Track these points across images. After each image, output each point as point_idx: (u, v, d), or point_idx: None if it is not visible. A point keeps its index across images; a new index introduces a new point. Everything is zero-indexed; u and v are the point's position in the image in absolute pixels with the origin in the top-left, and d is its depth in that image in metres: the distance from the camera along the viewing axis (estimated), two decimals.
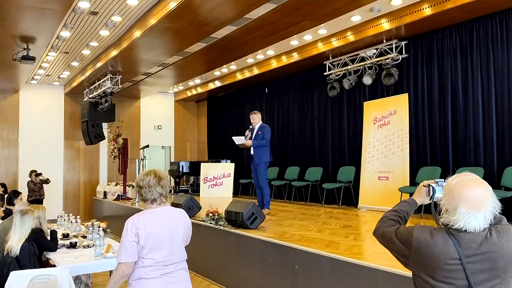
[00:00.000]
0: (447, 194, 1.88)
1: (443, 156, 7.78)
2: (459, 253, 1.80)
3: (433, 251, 1.84)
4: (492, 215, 1.83)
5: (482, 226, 1.81)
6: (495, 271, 1.80)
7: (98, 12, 7.63)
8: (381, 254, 4.47)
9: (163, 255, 2.74)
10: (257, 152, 8.03)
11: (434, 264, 1.84)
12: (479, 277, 1.80)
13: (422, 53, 8.25)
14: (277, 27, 7.64)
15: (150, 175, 2.84)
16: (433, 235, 1.87)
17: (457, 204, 1.82)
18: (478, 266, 1.80)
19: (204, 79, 13.39)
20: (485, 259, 1.79)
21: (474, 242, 1.80)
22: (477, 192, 1.82)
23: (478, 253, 1.80)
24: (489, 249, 1.80)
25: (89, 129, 12.31)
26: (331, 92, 9.87)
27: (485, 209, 1.81)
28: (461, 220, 1.81)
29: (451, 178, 1.93)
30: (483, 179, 5.82)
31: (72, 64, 11.15)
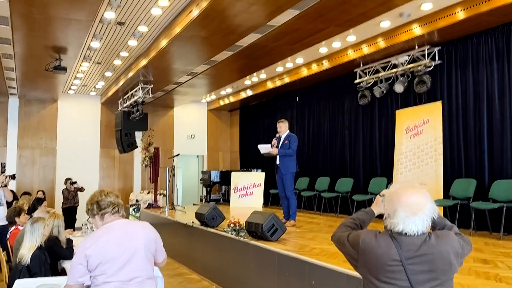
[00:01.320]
0: (388, 200, 2.03)
1: (479, 167, 7.33)
2: (400, 255, 1.90)
3: (376, 253, 1.95)
4: (430, 220, 1.96)
5: (420, 230, 1.92)
6: (434, 272, 1.90)
7: (125, 23, 7.73)
8: None
9: (120, 273, 2.59)
10: (284, 162, 7.85)
11: (378, 266, 1.95)
12: (419, 278, 1.89)
13: (456, 59, 7.85)
14: (302, 34, 7.49)
15: (95, 193, 2.85)
16: (377, 238, 1.99)
17: (397, 208, 1.95)
18: (418, 268, 1.89)
19: (235, 88, 13.37)
20: (424, 261, 1.90)
21: (413, 245, 1.91)
22: (415, 198, 1.96)
23: (417, 255, 1.90)
24: (427, 251, 1.90)
25: (122, 138, 12.52)
26: (362, 101, 9.58)
27: (422, 213, 1.93)
28: (400, 223, 1.93)
29: (392, 185, 2.10)
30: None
31: (106, 74, 11.40)
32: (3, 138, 13.25)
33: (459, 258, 1.97)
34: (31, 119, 13.67)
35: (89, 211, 2.79)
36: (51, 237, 4.85)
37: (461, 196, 7.18)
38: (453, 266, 1.94)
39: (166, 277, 7.45)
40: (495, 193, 6.72)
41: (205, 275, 7.40)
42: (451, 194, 7.35)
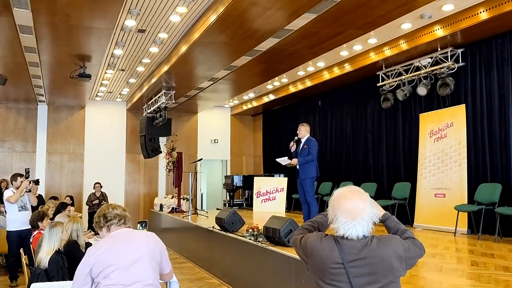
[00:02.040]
0: (330, 205, 2.05)
1: (505, 171, 7.10)
2: (342, 258, 1.95)
3: (321, 255, 2.01)
4: (372, 223, 2.00)
5: (361, 234, 1.97)
6: (374, 275, 1.93)
7: (146, 30, 7.85)
8: (417, 279, 4.10)
9: (123, 276, 2.62)
10: (303, 167, 7.75)
11: (322, 268, 2.01)
12: (360, 280, 1.93)
13: (480, 61, 7.65)
14: (320, 38, 7.43)
15: (102, 207, 2.98)
16: (322, 241, 2.04)
17: (337, 213, 2.00)
18: (359, 270, 1.93)
19: (257, 93, 13.40)
20: (365, 264, 1.93)
21: (355, 248, 1.96)
22: (353, 203, 1.99)
23: (358, 258, 1.94)
24: (368, 255, 1.94)
25: (146, 143, 12.70)
26: (385, 104, 9.43)
27: (362, 218, 1.97)
28: (341, 228, 1.98)
29: (336, 191, 2.11)
30: None
31: (130, 81, 11.60)
32: (32, 144, 13.64)
33: (403, 261, 1.99)
34: (60, 125, 14.02)
35: (97, 224, 2.90)
36: (70, 241, 4.94)
37: (486, 201, 6.97)
38: (394, 269, 1.96)
39: (186, 281, 7.54)
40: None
41: (225, 280, 7.40)
42: (476, 199, 7.14)
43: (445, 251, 5.75)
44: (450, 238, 7.00)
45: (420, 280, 4.08)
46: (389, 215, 2.29)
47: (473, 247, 6.20)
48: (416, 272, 4.40)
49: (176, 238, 10.83)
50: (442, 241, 6.61)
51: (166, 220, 11.98)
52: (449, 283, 3.96)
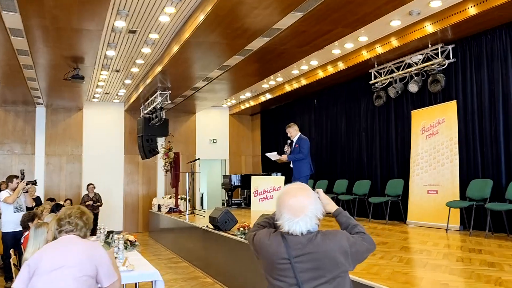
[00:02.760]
0: (276, 202, 2.07)
1: (495, 167, 7.09)
2: (288, 253, 1.98)
3: (268, 251, 2.05)
4: (316, 220, 2.01)
5: (305, 230, 1.99)
6: (319, 270, 1.95)
7: (136, 31, 7.90)
8: (400, 275, 4.11)
9: (43, 283, 2.67)
10: (296, 166, 7.79)
11: (271, 264, 2.04)
12: (306, 275, 1.96)
13: (470, 57, 7.64)
14: (309, 36, 7.44)
15: (64, 209, 3.09)
16: (270, 237, 2.07)
17: (281, 210, 2.02)
18: (304, 266, 1.96)
19: (254, 92, 13.44)
20: (310, 259, 1.96)
21: (300, 244, 1.98)
22: (297, 200, 2.01)
23: (303, 253, 1.96)
24: (312, 250, 1.96)
25: (143, 144, 12.76)
26: (377, 101, 9.44)
27: (305, 215, 1.99)
28: (286, 224, 2.00)
29: (282, 188, 2.16)
30: None
31: (126, 82, 11.66)
32: (31, 146, 13.72)
33: (348, 256, 2.00)
34: (58, 127, 14.09)
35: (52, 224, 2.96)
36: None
37: (477, 197, 6.96)
38: (339, 264, 1.97)
39: (179, 281, 7.58)
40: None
41: (219, 279, 7.43)
42: (467, 195, 7.13)
43: (433, 248, 5.76)
44: (442, 234, 7.00)
45: (402, 276, 4.09)
46: (340, 210, 2.30)
47: (463, 243, 6.20)
48: (400, 268, 4.41)
49: (173, 238, 10.88)
50: (433, 238, 6.62)
51: (163, 220, 12.03)
52: (430, 279, 3.97)
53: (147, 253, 10.67)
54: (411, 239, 6.54)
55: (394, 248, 5.72)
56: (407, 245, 5.91)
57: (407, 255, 5.13)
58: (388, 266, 4.56)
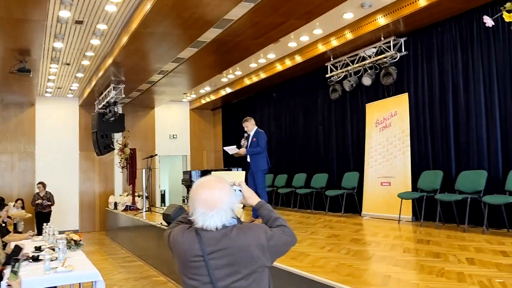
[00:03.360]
0: (189, 196, 1.95)
1: (446, 159, 7.18)
2: (202, 250, 1.86)
3: (182, 249, 1.92)
4: (231, 213, 1.90)
5: (220, 224, 1.87)
6: (234, 266, 1.85)
7: (83, 21, 7.58)
8: (344, 268, 4.05)
9: None
10: (254, 160, 7.69)
11: (184, 262, 1.91)
12: (221, 272, 1.85)
13: (421, 49, 7.71)
14: (263, 28, 7.33)
15: None
16: (184, 234, 1.94)
17: (195, 204, 1.89)
18: (219, 262, 1.85)
19: (214, 86, 13.25)
20: (224, 255, 1.85)
21: (214, 239, 1.86)
22: (210, 193, 1.88)
23: (218, 249, 1.85)
24: (227, 245, 1.85)
25: (98, 140, 12.36)
26: (333, 95, 9.43)
27: (220, 208, 1.87)
28: (199, 219, 1.88)
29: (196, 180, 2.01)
30: (486, 183, 5.29)
31: (78, 75, 11.24)
32: None
33: (265, 250, 1.90)
34: (9, 123, 13.49)
35: None
36: None
37: (428, 188, 7.04)
38: (255, 258, 1.87)
39: (131, 280, 7.35)
40: (461, 184, 6.57)
41: (172, 277, 7.24)
42: (419, 187, 7.20)
43: (383, 239, 5.76)
44: (394, 225, 7.05)
45: (346, 268, 4.03)
46: (262, 203, 2.20)
47: (413, 234, 6.25)
48: (345, 261, 4.36)
49: (128, 236, 10.59)
50: (384, 229, 6.64)
51: (120, 218, 11.70)
52: (373, 271, 3.93)
53: (101, 253, 10.36)
54: (363, 231, 6.54)
55: (345, 240, 5.69)
56: (358, 237, 5.89)
57: (355, 247, 5.09)
58: (335, 258, 4.50)
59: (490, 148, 6.50)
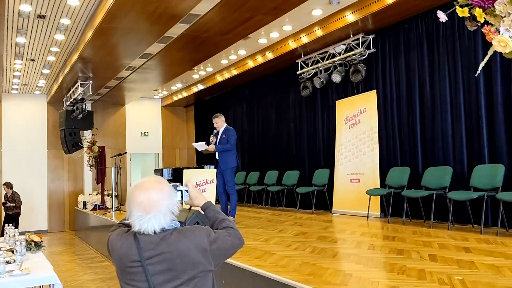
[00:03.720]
0: (126, 198, 1.86)
1: (413, 155, 7.23)
2: (140, 255, 1.77)
3: (119, 254, 1.83)
4: (171, 215, 1.81)
5: (158, 228, 1.78)
6: (173, 272, 1.76)
7: (46, 16, 7.34)
8: (307, 266, 4.00)
9: None
10: (223, 158, 7.62)
11: (121, 267, 1.83)
12: (159, 278, 1.76)
13: (389, 47, 7.74)
14: (231, 24, 7.23)
15: None
16: (121, 238, 1.85)
17: (131, 207, 1.80)
18: (157, 268, 1.77)
19: (185, 83, 13.07)
20: (163, 260, 1.76)
21: (152, 244, 1.78)
22: (148, 195, 1.78)
23: (156, 254, 1.77)
24: (166, 249, 1.76)
25: (66, 138, 12.04)
26: (304, 92, 9.41)
27: (158, 211, 1.77)
28: (136, 223, 1.78)
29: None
30: (452, 179, 5.29)
31: (44, 71, 10.93)
32: None
33: (208, 254, 1.81)
34: None
35: None
36: None
37: (396, 184, 7.07)
38: (197, 263, 1.79)
39: (97, 281, 7.18)
40: (427, 180, 6.62)
41: None
42: (387, 183, 7.23)
43: (350, 236, 5.75)
44: (362, 222, 7.06)
45: (309, 267, 3.98)
46: (209, 204, 2.14)
47: (380, 230, 6.26)
48: (308, 259, 4.31)
49: (97, 236, 10.36)
50: (352, 226, 6.64)
51: (89, 218, 11.44)
52: (335, 269, 3.88)
53: (69, 253, 10.12)
54: (331, 228, 6.53)
55: (312, 238, 5.65)
56: (325, 235, 5.87)
57: (321, 245, 5.05)
58: (299, 257, 4.45)
59: (456, 144, 6.56)
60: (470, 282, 3.33)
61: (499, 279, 3.38)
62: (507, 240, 5.07)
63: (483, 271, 3.65)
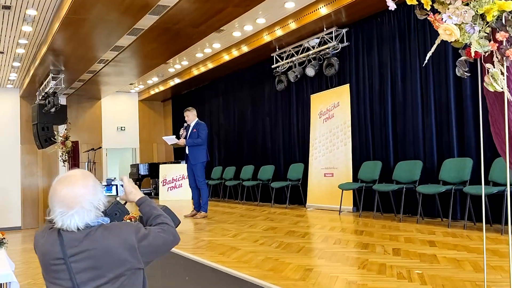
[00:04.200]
0: (49, 193, 1.78)
1: (384, 149, 7.22)
2: (63, 252, 1.71)
3: (42, 251, 1.77)
4: (95, 212, 1.75)
5: (82, 224, 1.72)
6: (98, 270, 1.70)
7: (11, 6, 7.12)
8: (270, 262, 3.94)
9: None
10: (193, 152, 7.50)
11: (45, 265, 1.77)
12: (83, 276, 1.70)
13: (362, 40, 7.70)
14: (202, 15, 7.13)
15: None
16: (45, 235, 1.79)
17: (53, 202, 1.74)
18: (81, 265, 1.70)
19: (161, 77, 12.89)
20: (87, 257, 1.70)
21: (77, 240, 1.72)
22: (70, 190, 1.71)
23: (80, 251, 1.70)
24: (90, 246, 1.70)
25: (39, 133, 11.78)
26: (279, 86, 9.34)
27: (80, 207, 1.71)
28: (59, 219, 1.72)
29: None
30: (422, 173, 5.24)
31: (14, 64, 10.66)
32: None
33: (136, 251, 1.75)
34: None
35: None
36: None
37: (368, 178, 7.06)
38: (123, 261, 1.72)
39: None
40: (398, 175, 6.61)
41: None
42: (359, 177, 7.22)
43: (318, 231, 5.72)
44: (334, 216, 7.03)
45: (271, 263, 3.92)
46: (144, 199, 2.06)
47: (350, 224, 6.24)
48: (272, 255, 4.25)
49: None
50: (324, 220, 6.61)
51: None
52: (297, 264, 3.82)
53: None
54: (302, 223, 6.48)
55: (280, 233, 5.59)
56: (295, 229, 5.81)
57: (288, 240, 5.00)
58: (264, 252, 4.39)
59: (426, 138, 6.56)
60: (428, 276, 3.30)
61: (458, 273, 3.36)
62: (473, 233, 5.08)
63: (444, 265, 3.63)
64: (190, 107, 7.71)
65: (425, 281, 3.19)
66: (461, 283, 3.12)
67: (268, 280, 3.34)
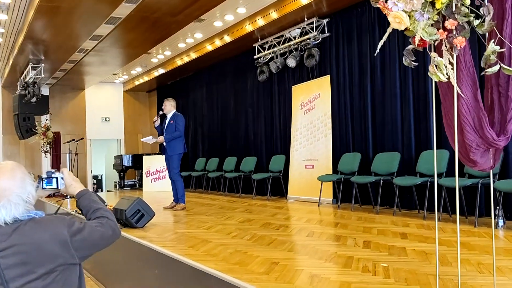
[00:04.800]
0: None
1: (364, 141, 7.19)
2: None
3: None
4: (24, 205, 1.70)
5: (10, 218, 1.67)
6: (28, 265, 1.64)
7: None
8: (238, 255, 3.89)
9: None
10: (170, 143, 7.42)
11: None
12: (12, 272, 1.64)
13: (342, 31, 7.63)
14: (180, 4, 7.05)
15: None
16: None
17: None
18: (9, 261, 1.64)
19: (145, 67, 12.75)
20: (16, 252, 1.64)
21: (4, 235, 1.65)
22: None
23: (8, 246, 1.64)
24: (19, 241, 1.64)
25: (20, 123, 11.63)
26: (261, 77, 9.26)
27: (7, 200, 1.66)
28: None
29: None
30: (400, 164, 5.19)
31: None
32: None
33: (69, 246, 1.69)
34: None
35: None
36: None
37: (347, 170, 7.02)
38: (55, 256, 1.67)
39: None
40: (376, 166, 6.59)
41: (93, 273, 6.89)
42: (339, 169, 7.18)
43: (294, 223, 5.68)
44: (314, 208, 6.99)
45: (239, 256, 3.86)
46: (84, 192, 1.99)
47: (327, 216, 6.20)
48: (242, 248, 4.20)
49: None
50: (302, 212, 6.57)
51: (44, 206, 11.10)
52: (264, 257, 3.77)
53: None
54: (280, 215, 6.43)
55: (256, 225, 5.54)
56: (271, 221, 5.77)
57: (262, 232, 4.95)
58: (234, 245, 4.33)
59: (404, 130, 6.53)
60: (393, 269, 3.26)
61: (423, 266, 3.33)
62: (447, 226, 5.06)
63: (411, 258, 3.60)
64: (170, 98, 7.65)
65: (389, 274, 3.15)
66: (424, 276, 3.09)
67: (232, 274, 3.28)
